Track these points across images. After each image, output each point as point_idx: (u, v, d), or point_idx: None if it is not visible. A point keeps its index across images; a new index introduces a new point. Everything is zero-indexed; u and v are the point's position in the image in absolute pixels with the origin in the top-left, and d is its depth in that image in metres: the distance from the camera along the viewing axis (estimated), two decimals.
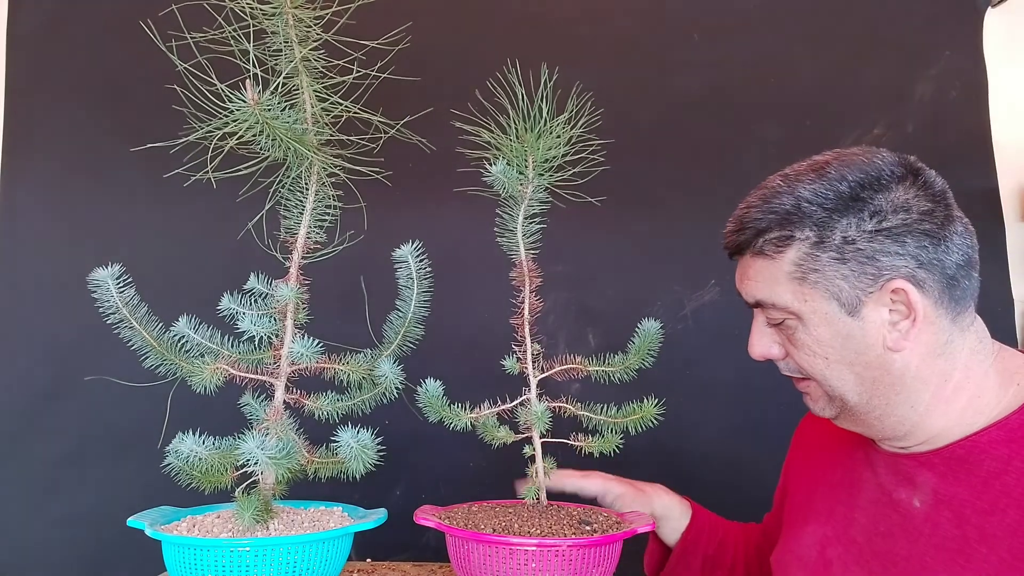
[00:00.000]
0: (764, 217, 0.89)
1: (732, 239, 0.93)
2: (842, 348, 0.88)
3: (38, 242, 1.70)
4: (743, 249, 0.93)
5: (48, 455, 1.65)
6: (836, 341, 0.88)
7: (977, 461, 0.84)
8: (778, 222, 0.88)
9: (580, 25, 1.79)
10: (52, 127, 1.73)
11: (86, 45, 1.75)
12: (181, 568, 0.97)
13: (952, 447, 0.87)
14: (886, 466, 0.94)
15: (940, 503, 0.86)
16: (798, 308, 0.88)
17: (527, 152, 1.10)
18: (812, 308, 0.88)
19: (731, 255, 0.96)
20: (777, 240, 0.89)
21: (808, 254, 0.87)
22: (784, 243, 0.88)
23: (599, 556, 1.01)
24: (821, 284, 0.87)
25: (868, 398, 0.89)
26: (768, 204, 0.89)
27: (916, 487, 0.89)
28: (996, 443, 0.84)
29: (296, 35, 1.06)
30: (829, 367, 0.89)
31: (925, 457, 0.89)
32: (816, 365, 0.90)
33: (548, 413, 1.10)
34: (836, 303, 0.87)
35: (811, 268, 0.87)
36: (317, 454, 1.11)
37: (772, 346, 0.94)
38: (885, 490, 0.93)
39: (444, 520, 1.06)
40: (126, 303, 1.07)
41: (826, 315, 0.87)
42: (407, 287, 1.14)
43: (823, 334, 0.88)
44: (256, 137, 0.99)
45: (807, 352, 0.90)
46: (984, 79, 1.76)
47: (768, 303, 0.91)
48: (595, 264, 1.73)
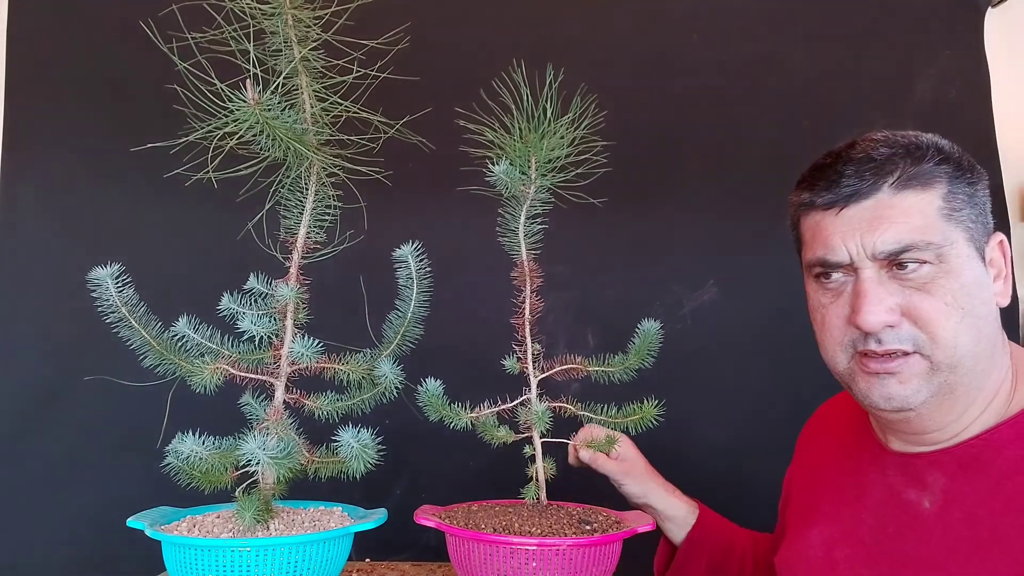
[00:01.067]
0: (910, 144, 0.83)
1: (872, 170, 0.84)
2: (976, 299, 0.82)
3: (38, 242, 1.71)
4: (879, 185, 0.83)
5: (48, 455, 1.66)
6: (974, 290, 0.82)
7: (989, 461, 0.83)
8: (921, 153, 0.83)
9: (579, 25, 1.79)
10: (52, 127, 1.73)
11: (86, 45, 1.76)
12: (182, 569, 0.97)
13: (963, 446, 0.86)
14: (895, 467, 0.93)
15: (951, 503, 0.85)
16: (947, 250, 0.82)
17: (530, 152, 1.10)
18: (957, 252, 0.82)
19: (847, 199, 0.85)
20: (932, 168, 0.83)
21: (951, 190, 0.83)
22: (935, 173, 0.83)
23: (599, 556, 1.01)
24: (963, 224, 0.83)
25: (974, 364, 0.83)
26: (895, 139, 0.84)
27: (926, 487, 0.88)
28: (1008, 442, 0.83)
29: (295, 35, 1.06)
30: (963, 321, 0.82)
31: (935, 456, 0.88)
32: (950, 319, 0.82)
33: (549, 413, 1.10)
34: (973, 247, 0.83)
35: (955, 206, 0.83)
36: (317, 454, 1.11)
37: (894, 309, 0.83)
38: (894, 491, 0.91)
39: (444, 520, 1.06)
40: (125, 302, 1.07)
41: (968, 258, 0.83)
42: (407, 287, 1.14)
43: (967, 279, 0.82)
44: (256, 137, 0.99)
45: (945, 303, 0.81)
46: (986, 79, 1.76)
47: (919, 244, 0.82)
48: (595, 264, 1.73)
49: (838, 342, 0.88)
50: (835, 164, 0.87)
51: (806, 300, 0.95)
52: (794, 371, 1.52)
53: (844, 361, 0.89)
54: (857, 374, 0.88)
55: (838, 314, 0.88)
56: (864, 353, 0.86)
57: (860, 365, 0.87)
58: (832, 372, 0.92)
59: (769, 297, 1.67)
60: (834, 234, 0.86)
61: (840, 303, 0.87)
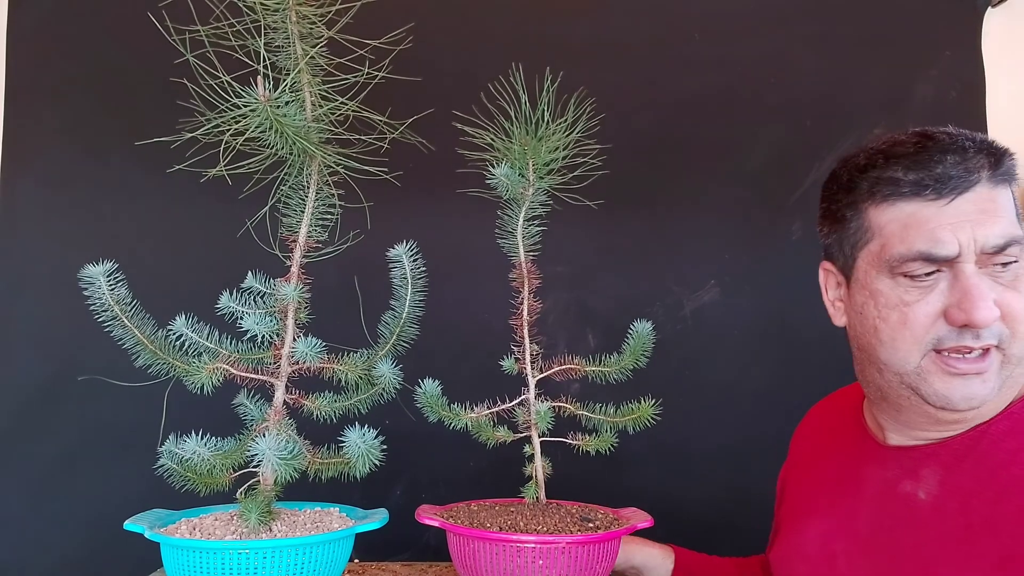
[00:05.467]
0: (984, 140, 0.82)
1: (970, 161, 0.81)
2: None
3: (38, 241, 1.69)
4: (980, 177, 0.81)
5: (47, 454, 1.64)
6: None
7: (985, 451, 0.85)
8: (1000, 150, 0.83)
9: (579, 24, 1.79)
10: (52, 125, 1.71)
11: (86, 44, 1.74)
12: (184, 571, 0.95)
13: (960, 438, 0.87)
14: (891, 460, 0.94)
15: (946, 494, 0.86)
16: None
17: (528, 155, 1.11)
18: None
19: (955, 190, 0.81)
20: (1012, 164, 0.82)
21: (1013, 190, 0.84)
22: (1012, 170, 0.82)
23: (602, 552, 1.03)
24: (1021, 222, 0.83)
25: None
26: (968, 134, 0.84)
27: (921, 479, 0.89)
28: (1003, 434, 0.85)
29: (299, 32, 1.05)
30: None
31: (932, 449, 0.90)
32: None
33: (551, 412, 1.11)
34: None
35: (1019, 205, 0.83)
36: (318, 455, 1.10)
37: (994, 306, 0.81)
38: (889, 483, 0.93)
39: (447, 520, 1.06)
40: (118, 301, 1.04)
41: None
42: (402, 287, 1.14)
43: None
44: (264, 134, 0.98)
45: None
46: (982, 80, 1.77)
47: (1018, 239, 0.80)
48: (595, 265, 1.73)
49: (918, 340, 0.84)
50: (926, 152, 0.83)
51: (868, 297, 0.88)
52: (794, 371, 1.57)
53: (916, 360, 0.85)
54: (932, 374, 0.84)
55: (926, 312, 0.83)
56: (948, 350, 0.83)
57: (941, 364, 0.83)
58: (891, 372, 0.88)
59: (769, 297, 1.68)
60: (942, 226, 0.81)
61: (930, 300, 0.83)
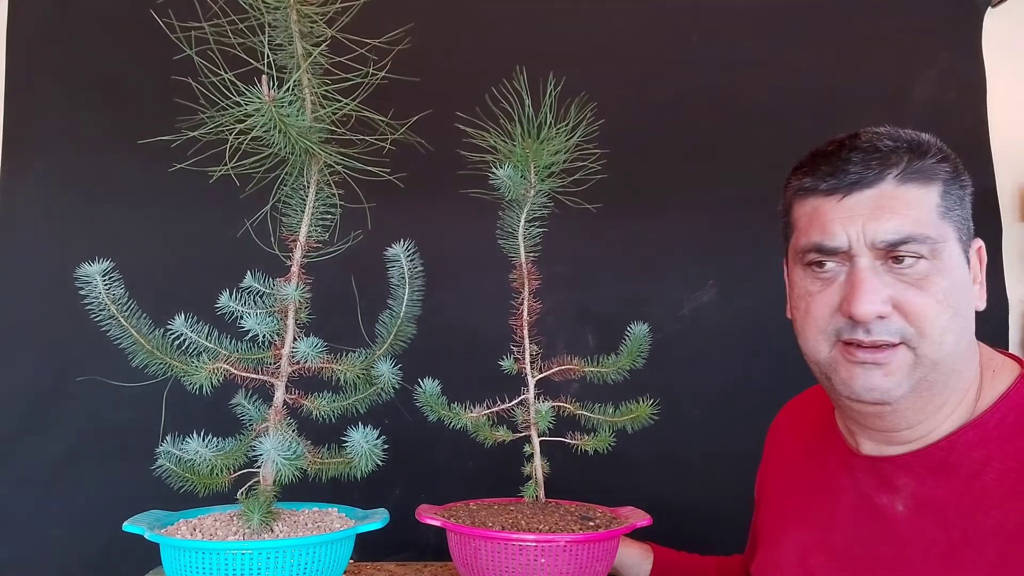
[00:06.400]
0: (913, 139, 0.83)
1: (877, 160, 0.83)
2: (962, 299, 0.83)
3: (38, 241, 1.67)
4: (884, 175, 0.84)
5: (47, 454, 1.63)
6: (962, 290, 0.83)
7: (956, 463, 0.84)
8: (924, 149, 0.84)
9: (578, 25, 1.79)
10: (52, 126, 1.70)
11: (86, 44, 1.72)
12: (185, 572, 0.95)
13: (930, 449, 0.87)
14: (865, 471, 0.93)
15: (921, 507, 0.85)
16: (941, 248, 0.82)
17: (530, 158, 1.11)
18: (950, 251, 0.83)
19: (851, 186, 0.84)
20: (933, 165, 0.83)
21: (946, 190, 0.83)
22: (935, 170, 0.83)
23: (603, 550, 1.04)
24: (955, 224, 0.83)
25: (953, 362, 0.84)
26: (898, 133, 0.85)
27: (897, 491, 0.88)
28: (972, 444, 0.84)
29: (300, 31, 1.05)
30: (951, 320, 0.82)
31: (903, 460, 0.88)
32: (940, 317, 0.82)
33: (551, 412, 1.12)
34: (960, 247, 0.84)
35: (949, 206, 0.83)
36: (319, 455, 1.09)
37: (887, 301, 0.83)
38: (865, 495, 0.91)
39: (447, 519, 1.07)
40: (114, 300, 1.03)
41: (957, 259, 0.83)
42: (399, 286, 1.14)
43: (957, 279, 0.83)
44: (267, 134, 0.98)
45: (937, 300, 0.82)
46: (982, 80, 1.77)
47: (918, 237, 0.82)
48: (594, 265, 1.73)
49: (821, 330, 0.87)
50: (839, 151, 0.86)
51: (790, 288, 0.94)
52: (794, 371, 1.56)
53: (826, 350, 0.88)
54: (840, 363, 0.86)
55: (826, 303, 0.87)
56: (849, 342, 0.85)
57: (845, 354, 0.86)
58: (810, 362, 0.91)
59: (769, 297, 1.67)
60: (834, 220, 0.85)
61: (830, 292, 0.86)
